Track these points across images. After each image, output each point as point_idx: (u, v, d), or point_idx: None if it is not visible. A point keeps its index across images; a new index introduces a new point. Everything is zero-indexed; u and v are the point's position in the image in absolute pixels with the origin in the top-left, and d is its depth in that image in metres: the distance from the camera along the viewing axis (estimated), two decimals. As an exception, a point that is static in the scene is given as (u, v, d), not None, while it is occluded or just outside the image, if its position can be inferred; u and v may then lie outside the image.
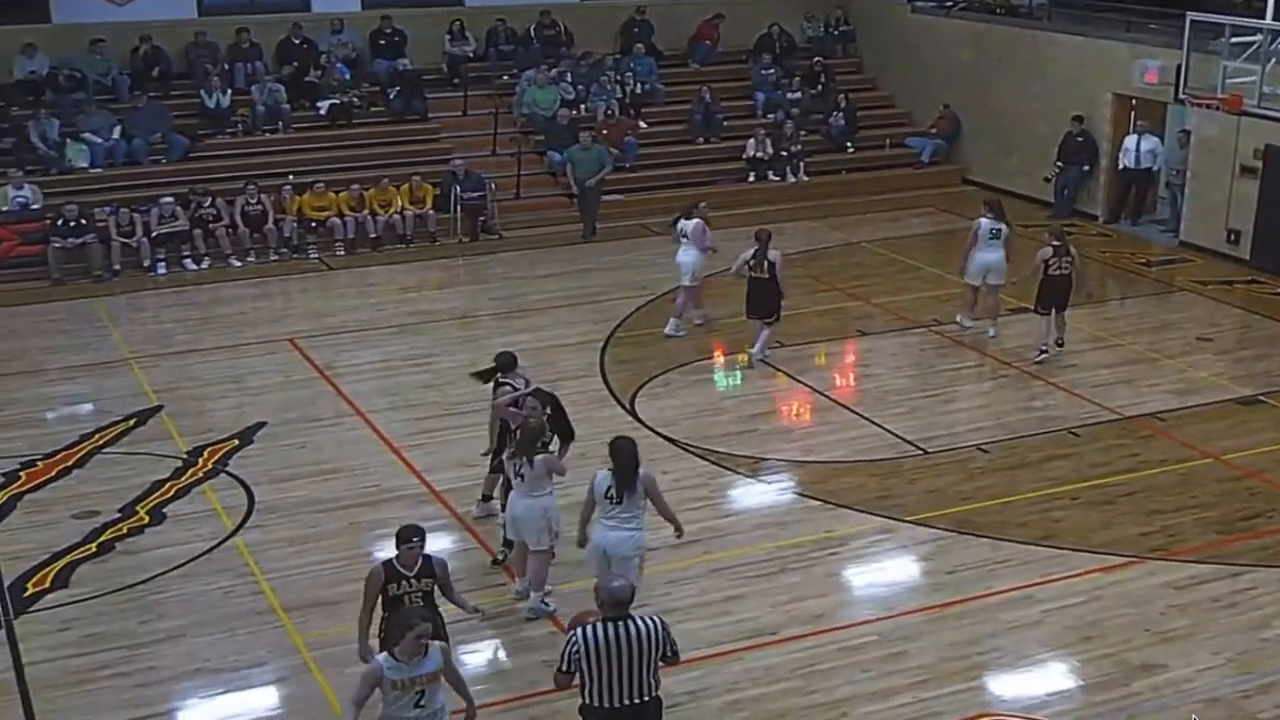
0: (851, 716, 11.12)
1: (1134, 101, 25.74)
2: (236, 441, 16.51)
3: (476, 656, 11.95)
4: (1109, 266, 23.74)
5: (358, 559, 13.69)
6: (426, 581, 10.44)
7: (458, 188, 25.22)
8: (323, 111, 27.09)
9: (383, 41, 28.48)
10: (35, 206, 23.48)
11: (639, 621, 9.18)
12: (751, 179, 27.93)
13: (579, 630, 9.13)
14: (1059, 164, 26.45)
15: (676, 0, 31.06)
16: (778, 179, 27.89)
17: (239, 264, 23.90)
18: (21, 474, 15.73)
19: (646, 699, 9.19)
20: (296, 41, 27.91)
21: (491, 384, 13.73)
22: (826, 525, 14.22)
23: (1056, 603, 12.73)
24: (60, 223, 22.94)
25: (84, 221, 22.96)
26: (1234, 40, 20.98)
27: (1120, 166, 25.75)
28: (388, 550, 13.93)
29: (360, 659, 10.44)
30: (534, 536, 12.29)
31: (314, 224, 24.67)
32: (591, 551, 11.84)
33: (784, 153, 28.12)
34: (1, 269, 23.07)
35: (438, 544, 14.00)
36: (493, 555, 13.44)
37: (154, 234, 23.52)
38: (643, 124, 28.43)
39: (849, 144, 29.31)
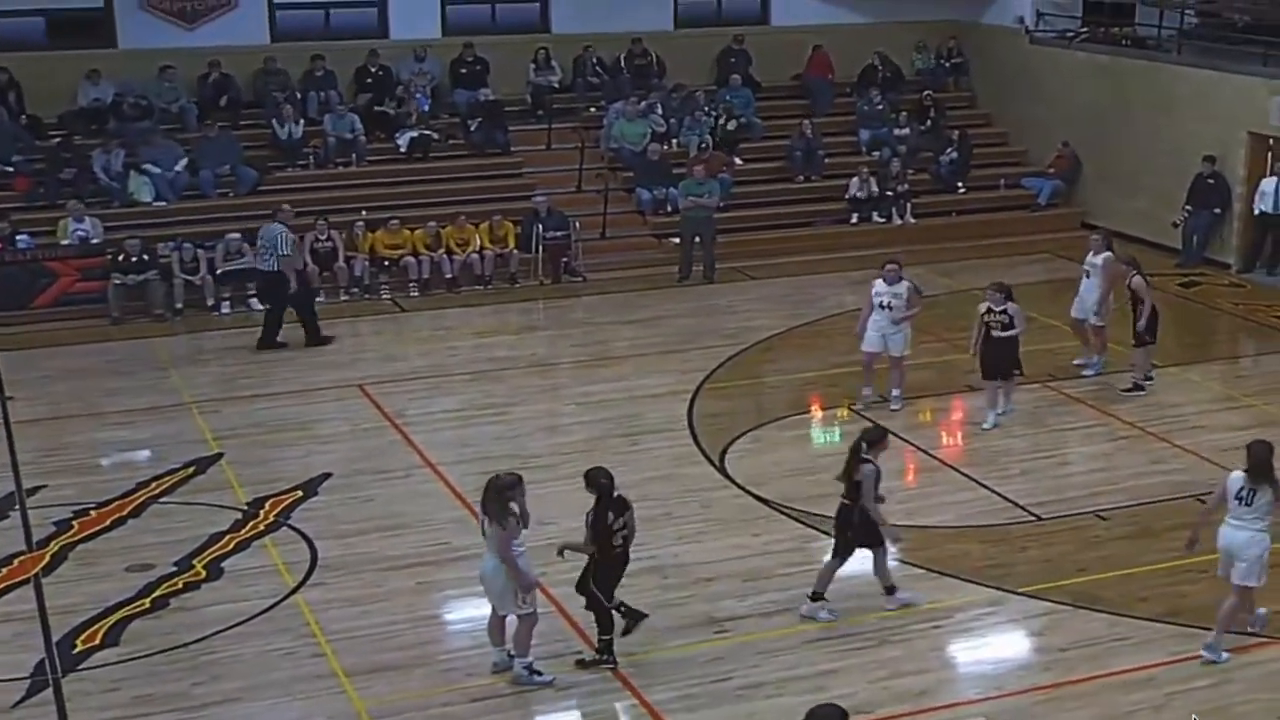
0: (954, 804, 10.99)
1: (1271, 141, 25.42)
2: (300, 493, 16.60)
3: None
4: (1242, 320, 23.41)
5: (424, 621, 13.74)
6: None
7: (540, 226, 25.26)
8: (402, 147, 27.31)
9: (464, 70, 28.67)
10: (95, 241, 23.74)
11: None
12: (854, 220, 27.80)
13: None
14: (1188, 208, 26.12)
15: (776, 29, 31.10)
16: (882, 220, 27.77)
17: (307, 304, 24.10)
18: (74, 523, 15.86)
19: None
20: (373, 70, 28.21)
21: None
22: (930, 595, 14.06)
23: (1182, 685, 12.49)
24: (121, 258, 23.20)
25: (146, 258, 23.22)
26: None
27: (1256, 211, 25.39)
28: (455, 611, 14.07)
29: None
30: (498, 600, 12.35)
31: (387, 263, 24.82)
32: None
33: (889, 193, 27.99)
34: (59, 306, 23.34)
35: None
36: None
37: (219, 271, 23.77)
38: (738, 160, 28.40)
39: (960, 184, 29.17)
